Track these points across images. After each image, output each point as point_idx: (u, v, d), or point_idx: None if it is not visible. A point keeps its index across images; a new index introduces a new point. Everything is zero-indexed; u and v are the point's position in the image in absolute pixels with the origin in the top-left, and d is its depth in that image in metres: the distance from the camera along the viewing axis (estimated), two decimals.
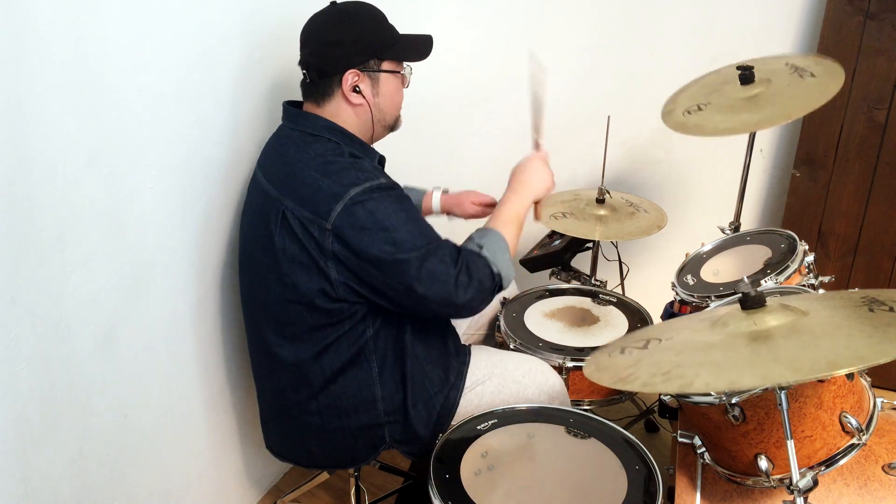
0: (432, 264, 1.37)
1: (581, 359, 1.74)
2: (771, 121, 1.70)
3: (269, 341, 1.49)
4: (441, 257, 1.39)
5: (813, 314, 1.07)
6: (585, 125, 2.35)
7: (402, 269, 1.36)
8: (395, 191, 1.42)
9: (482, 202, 1.87)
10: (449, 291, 1.38)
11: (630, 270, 2.35)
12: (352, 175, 1.38)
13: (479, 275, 1.42)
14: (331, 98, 1.46)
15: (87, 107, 1.23)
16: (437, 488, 1.22)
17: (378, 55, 1.45)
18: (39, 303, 1.21)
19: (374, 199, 1.36)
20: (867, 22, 2.09)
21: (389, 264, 1.36)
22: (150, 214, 1.41)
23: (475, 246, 1.46)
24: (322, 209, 1.36)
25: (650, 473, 1.25)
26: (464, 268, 1.40)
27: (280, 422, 1.59)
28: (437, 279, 1.37)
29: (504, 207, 1.56)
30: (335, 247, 1.37)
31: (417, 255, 1.36)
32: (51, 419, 1.27)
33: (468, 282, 1.40)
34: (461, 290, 1.39)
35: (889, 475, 1.23)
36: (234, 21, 1.53)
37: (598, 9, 2.36)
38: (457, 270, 1.40)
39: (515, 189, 1.58)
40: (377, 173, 1.42)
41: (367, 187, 1.37)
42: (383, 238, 1.35)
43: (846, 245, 2.32)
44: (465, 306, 1.42)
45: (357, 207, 1.35)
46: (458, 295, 1.39)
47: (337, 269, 1.39)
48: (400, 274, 1.37)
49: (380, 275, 1.38)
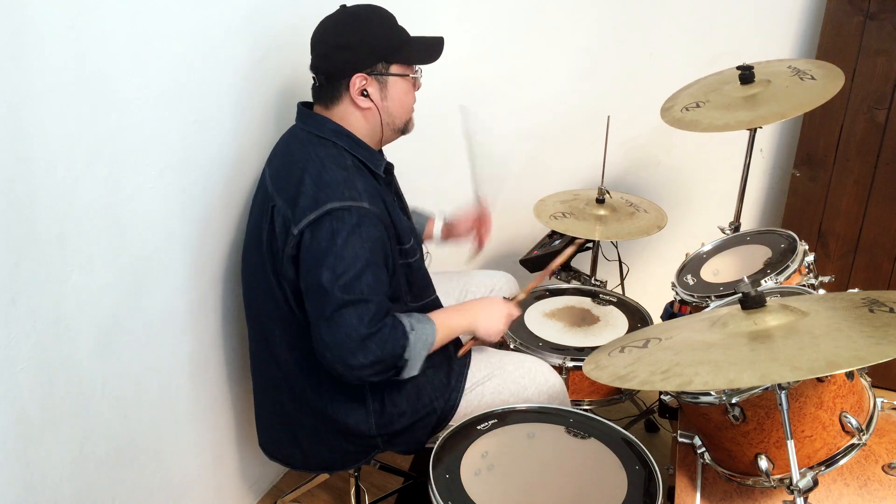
0: (347, 315, 1.31)
1: (581, 359, 1.74)
2: (766, 119, 1.72)
3: (267, 337, 1.50)
4: (361, 313, 1.31)
5: (813, 314, 1.07)
6: (585, 125, 2.36)
7: (320, 301, 1.33)
8: (371, 223, 1.36)
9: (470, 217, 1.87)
10: (348, 349, 1.31)
11: (630, 270, 2.35)
12: (339, 190, 1.36)
13: (391, 349, 1.34)
14: (339, 102, 1.45)
15: (87, 107, 1.23)
16: (437, 488, 1.22)
17: (386, 58, 1.44)
18: (39, 303, 1.21)
19: (344, 222, 1.33)
20: (867, 22, 2.09)
21: (315, 289, 1.33)
22: (150, 214, 1.41)
23: (408, 324, 1.39)
24: (298, 212, 1.36)
25: (650, 473, 1.25)
26: (377, 335, 1.32)
27: (274, 421, 1.59)
28: (343, 331, 1.30)
29: (451, 314, 1.52)
30: (293, 251, 1.37)
31: (340, 298, 1.31)
32: (51, 419, 1.27)
33: (373, 349, 1.32)
34: (360, 354, 1.31)
35: (889, 475, 1.23)
36: (234, 21, 1.53)
37: (598, 9, 2.36)
38: (367, 333, 1.31)
39: (469, 312, 1.52)
40: (365, 195, 1.38)
41: (346, 206, 1.34)
42: (328, 262, 1.32)
43: (846, 245, 2.32)
44: (355, 372, 1.32)
45: (325, 221, 1.33)
46: (354, 357, 1.31)
47: (293, 272, 1.39)
48: (317, 303, 1.33)
49: (305, 296, 1.37)
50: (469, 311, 1.53)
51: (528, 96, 2.40)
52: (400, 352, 1.36)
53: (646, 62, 2.43)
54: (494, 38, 2.28)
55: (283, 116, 1.69)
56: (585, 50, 2.40)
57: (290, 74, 1.70)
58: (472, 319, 1.51)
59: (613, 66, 2.43)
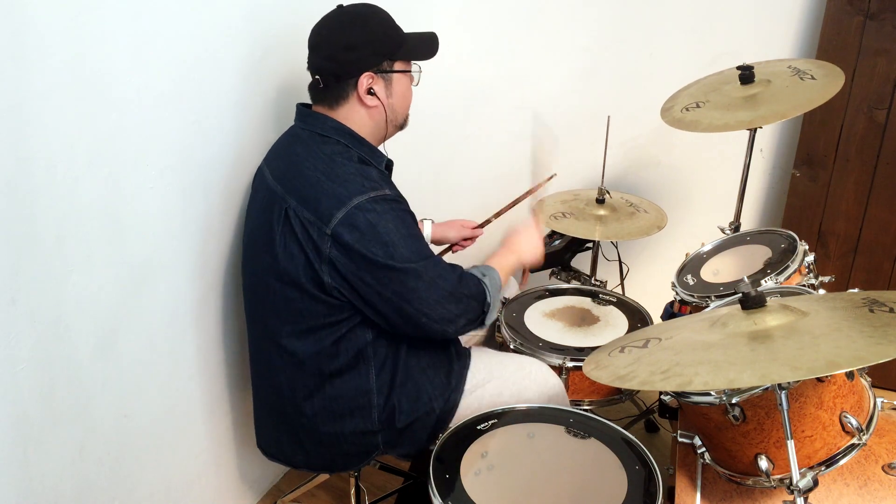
0: (431, 276, 1.40)
1: (581, 359, 1.74)
2: (765, 119, 1.72)
3: (268, 336, 1.50)
4: (440, 271, 1.42)
5: (813, 314, 1.07)
6: (585, 125, 2.36)
7: (399, 279, 1.37)
8: (398, 204, 1.42)
9: (471, 225, 1.91)
10: (444, 305, 1.40)
11: (630, 270, 2.35)
12: (357, 182, 1.38)
13: (475, 294, 1.46)
14: (345, 101, 1.45)
15: (87, 107, 1.23)
16: (436, 488, 1.22)
17: (390, 56, 1.45)
18: (39, 303, 1.21)
19: (376, 211, 1.36)
20: (867, 22, 2.09)
21: (384, 269, 1.36)
22: (150, 214, 1.41)
23: (478, 272, 1.51)
24: (324, 213, 1.36)
25: (650, 473, 1.25)
26: (462, 284, 1.43)
27: (274, 421, 1.59)
28: (434, 291, 1.40)
29: (501, 259, 1.63)
30: (332, 252, 1.36)
31: (415, 267, 1.38)
32: (51, 419, 1.27)
33: (463, 298, 1.43)
34: (453, 305, 1.42)
35: (889, 475, 1.23)
36: (234, 21, 1.53)
37: (598, 9, 2.36)
38: (455, 276, 1.42)
39: (512, 249, 1.66)
40: (383, 182, 1.42)
41: (372, 197, 1.36)
42: (381, 250, 1.36)
43: (846, 245, 2.32)
44: (453, 323, 1.44)
45: (358, 215, 1.35)
46: (451, 309, 1.41)
47: (331, 274, 1.38)
48: (397, 283, 1.37)
49: (374, 282, 1.37)
50: (512, 248, 1.67)
51: (529, 96, 2.40)
52: (483, 297, 1.48)
53: (646, 62, 2.43)
54: (494, 38, 2.28)
55: (283, 116, 1.69)
56: (585, 50, 2.40)
57: (290, 74, 1.70)
58: (518, 254, 1.66)
59: (613, 66, 2.43)
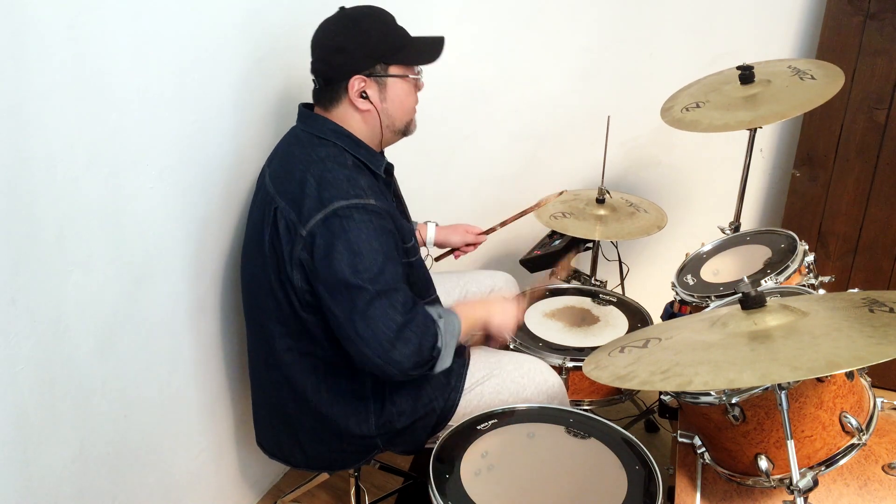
0: (381, 306, 1.30)
1: (581, 359, 1.74)
2: (765, 119, 1.72)
3: (267, 337, 1.50)
4: (393, 302, 1.31)
5: (813, 314, 1.07)
6: (585, 125, 2.36)
7: (350, 297, 1.31)
8: (379, 218, 1.36)
9: (476, 231, 1.90)
10: (387, 340, 1.30)
11: (630, 270, 2.35)
12: (343, 188, 1.35)
13: (425, 339, 1.33)
14: (338, 104, 1.45)
15: (87, 107, 1.23)
16: (437, 488, 1.22)
17: (385, 60, 1.43)
18: (39, 303, 1.21)
19: (354, 219, 1.32)
20: (867, 22, 2.09)
21: (341, 287, 1.31)
22: (150, 214, 1.41)
23: (434, 313, 1.39)
24: (304, 214, 1.35)
25: (650, 473, 1.25)
26: (413, 323, 1.32)
27: (273, 421, 1.59)
28: (380, 322, 1.29)
29: (469, 308, 1.52)
30: (302, 255, 1.35)
31: (371, 290, 1.30)
32: (51, 419, 1.27)
33: (411, 338, 1.31)
34: (400, 344, 1.30)
35: (889, 475, 1.23)
36: (234, 21, 1.53)
37: (598, 9, 2.36)
38: (404, 321, 1.31)
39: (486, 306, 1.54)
40: (370, 192, 1.38)
41: (353, 204, 1.33)
42: (347, 260, 1.31)
43: (846, 245, 2.32)
44: (396, 364, 1.31)
45: (334, 221, 1.32)
46: (395, 348, 1.30)
47: (300, 276, 1.37)
48: (347, 300, 1.31)
49: (328, 297, 1.34)
50: (486, 305, 1.56)
51: (529, 96, 2.40)
52: (433, 340, 1.35)
53: (646, 62, 2.43)
54: (494, 38, 2.28)
55: (283, 117, 1.69)
56: (585, 50, 2.40)
57: (290, 75, 1.70)
58: (488, 313, 1.53)
59: (613, 66, 2.43)
